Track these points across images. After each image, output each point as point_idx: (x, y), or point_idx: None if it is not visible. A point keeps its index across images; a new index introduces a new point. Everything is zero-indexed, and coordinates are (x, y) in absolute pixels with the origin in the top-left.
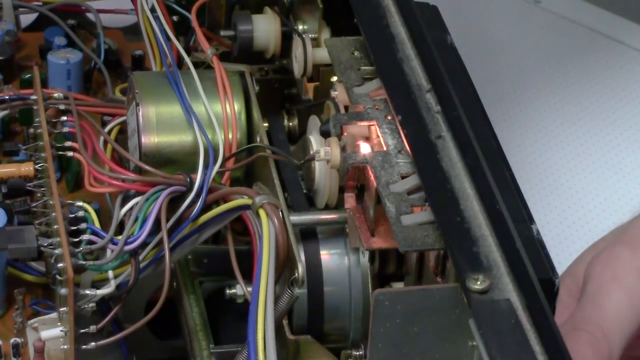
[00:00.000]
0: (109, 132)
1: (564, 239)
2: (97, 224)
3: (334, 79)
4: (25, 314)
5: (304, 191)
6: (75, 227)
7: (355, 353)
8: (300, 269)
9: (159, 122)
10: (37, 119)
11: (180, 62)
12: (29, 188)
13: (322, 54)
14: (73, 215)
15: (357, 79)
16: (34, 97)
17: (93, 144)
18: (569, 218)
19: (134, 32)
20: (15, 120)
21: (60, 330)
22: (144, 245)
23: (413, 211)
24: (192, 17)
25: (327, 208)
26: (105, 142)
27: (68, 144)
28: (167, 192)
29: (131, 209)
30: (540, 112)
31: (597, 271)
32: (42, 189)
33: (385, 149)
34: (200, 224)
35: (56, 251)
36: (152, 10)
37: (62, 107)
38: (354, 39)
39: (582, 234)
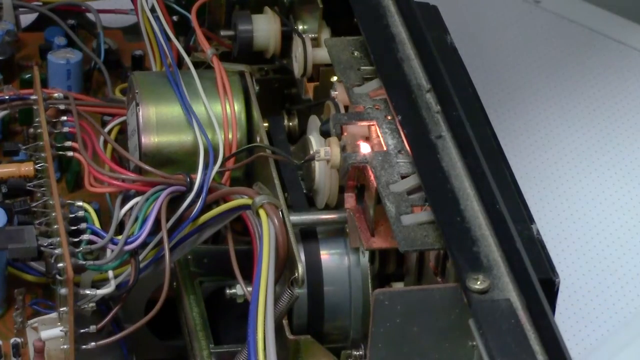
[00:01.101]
0: (109, 132)
1: (564, 239)
2: (97, 224)
3: (334, 79)
4: (25, 314)
5: (304, 191)
6: (75, 227)
7: (355, 353)
8: (300, 269)
9: (159, 122)
10: (37, 119)
11: (180, 62)
12: (29, 188)
13: (322, 54)
14: (73, 215)
15: (357, 79)
16: (34, 97)
17: (93, 144)
18: (569, 218)
19: (134, 32)
20: (15, 120)
21: (60, 330)
22: (144, 245)
23: (413, 211)
24: (192, 17)
25: (327, 208)
26: (105, 142)
27: (68, 144)
28: (167, 192)
29: (131, 209)
30: (540, 112)
31: None
32: (42, 189)
33: (385, 149)
34: (200, 224)
35: (56, 251)
36: (152, 10)
37: (62, 107)
38: (354, 39)
39: (582, 233)
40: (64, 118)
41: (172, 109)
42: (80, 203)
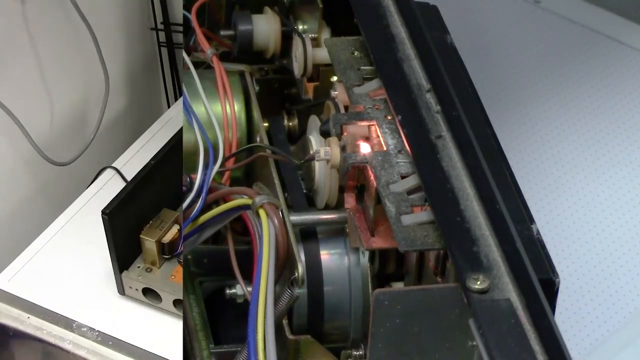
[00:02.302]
0: None
1: (564, 239)
2: None
3: (334, 79)
4: None
5: (304, 191)
6: None
7: (355, 353)
8: (300, 269)
9: None
10: None
11: None
12: None
13: (322, 54)
14: None
15: (357, 79)
16: None
17: None
18: (569, 218)
19: None
20: None
21: None
22: None
23: (413, 211)
24: (192, 17)
25: (327, 208)
26: None
27: None
28: None
29: None
30: (540, 112)
31: None
32: None
33: (385, 149)
34: (200, 224)
35: None
36: None
37: None
38: (354, 39)
39: (582, 233)
40: None
41: None
42: None
